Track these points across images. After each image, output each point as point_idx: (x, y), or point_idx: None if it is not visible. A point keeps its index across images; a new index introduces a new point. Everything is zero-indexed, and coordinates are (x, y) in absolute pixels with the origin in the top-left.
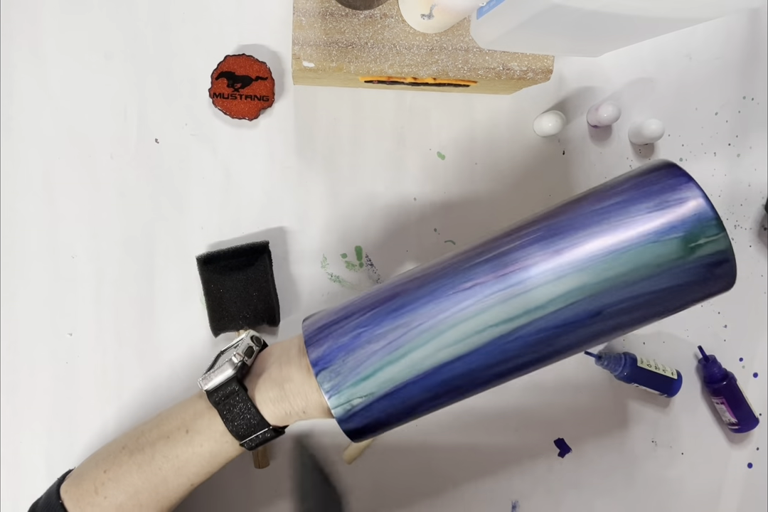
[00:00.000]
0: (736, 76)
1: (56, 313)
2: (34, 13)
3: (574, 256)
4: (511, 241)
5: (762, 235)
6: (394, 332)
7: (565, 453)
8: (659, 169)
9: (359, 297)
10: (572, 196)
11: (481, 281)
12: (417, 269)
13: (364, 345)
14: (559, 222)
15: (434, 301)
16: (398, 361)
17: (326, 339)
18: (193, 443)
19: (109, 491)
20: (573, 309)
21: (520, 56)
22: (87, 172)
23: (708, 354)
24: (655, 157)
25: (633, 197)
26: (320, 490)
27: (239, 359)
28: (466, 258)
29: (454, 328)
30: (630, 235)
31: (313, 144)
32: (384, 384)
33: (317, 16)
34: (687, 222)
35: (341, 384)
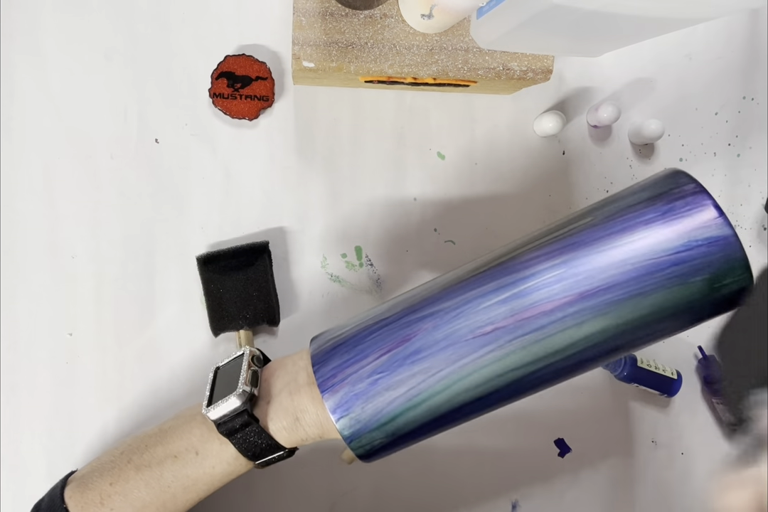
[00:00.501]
0: (736, 76)
1: (56, 313)
2: (34, 13)
3: (598, 300)
4: (530, 278)
5: (762, 235)
6: (412, 379)
7: (565, 453)
8: (687, 195)
9: (370, 326)
10: (591, 218)
11: (501, 325)
12: (427, 294)
13: (383, 392)
14: (580, 257)
15: (452, 347)
16: (418, 407)
17: (341, 385)
18: (204, 465)
19: (116, 504)
20: (592, 350)
21: (520, 56)
22: (87, 172)
23: (708, 354)
24: (656, 157)
25: (660, 235)
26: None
27: (247, 391)
28: (481, 293)
29: (474, 374)
30: (655, 279)
31: (313, 144)
32: (403, 427)
33: (317, 16)
34: (714, 263)
35: (362, 431)
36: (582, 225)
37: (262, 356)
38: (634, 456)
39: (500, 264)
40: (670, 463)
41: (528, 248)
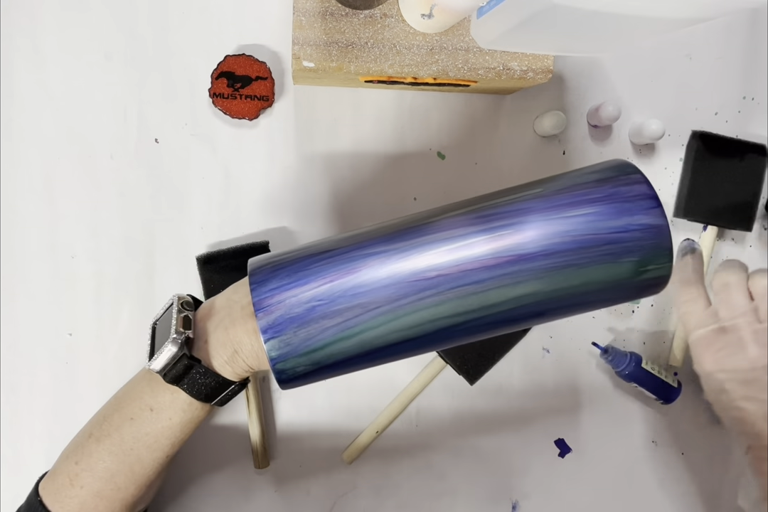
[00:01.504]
0: (736, 76)
1: (56, 313)
2: (34, 13)
3: (536, 264)
4: (480, 233)
5: (762, 235)
6: (350, 311)
7: (565, 453)
8: (633, 183)
9: (315, 255)
10: (541, 189)
11: (444, 273)
12: (379, 234)
13: (318, 320)
14: (527, 223)
15: (394, 286)
16: (349, 339)
17: (278, 307)
18: (161, 418)
19: (85, 481)
20: (522, 310)
21: (520, 56)
22: (87, 172)
23: None
24: (656, 157)
25: (603, 213)
26: None
27: (180, 336)
28: (431, 240)
29: (410, 316)
30: (591, 253)
31: (313, 144)
32: (331, 357)
33: (317, 16)
34: (645, 248)
35: (289, 354)
36: (533, 194)
37: (194, 300)
38: (634, 456)
39: (454, 217)
40: (670, 463)
41: (483, 206)
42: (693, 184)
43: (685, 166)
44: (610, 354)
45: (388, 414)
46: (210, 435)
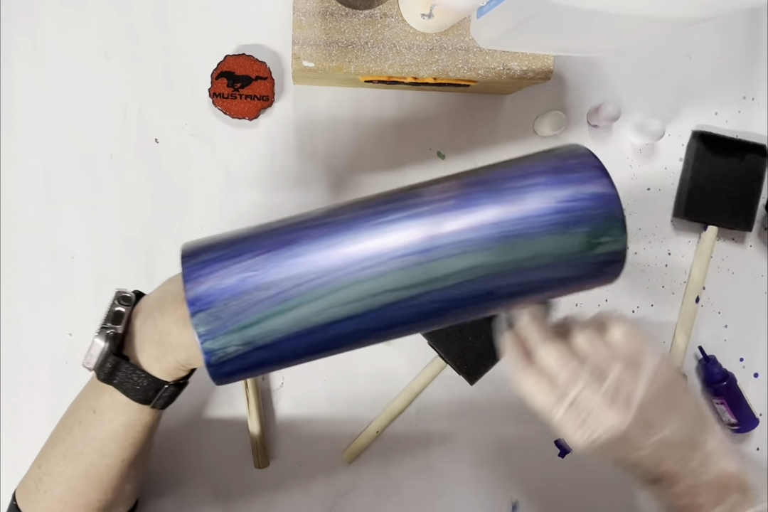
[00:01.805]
0: (736, 76)
1: (56, 313)
2: (34, 12)
3: (483, 233)
4: (427, 203)
5: (762, 235)
6: (285, 282)
7: (565, 454)
8: (579, 156)
9: (253, 232)
10: (489, 166)
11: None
12: (323, 211)
13: (251, 292)
14: (476, 193)
15: (335, 256)
16: (284, 314)
17: (209, 277)
18: (104, 421)
19: (47, 485)
20: (468, 285)
21: (520, 56)
22: (87, 172)
23: (708, 354)
24: (656, 157)
25: (550, 182)
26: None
27: (107, 331)
28: (375, 212)
29: (348, 288)
30: (540, 222)
31: (313, 144)
32: (265, 335)
33: (317, 16)
34: (596, 218)
35: (218, 330)
36: (481, 169)
37: (137, 295)
38: None
39: (402, 192)
40: None
41: (431, 181)
42: (693, 184)
43: (685, 166)
44: None
45: (388, 414)
46: (210, 435)
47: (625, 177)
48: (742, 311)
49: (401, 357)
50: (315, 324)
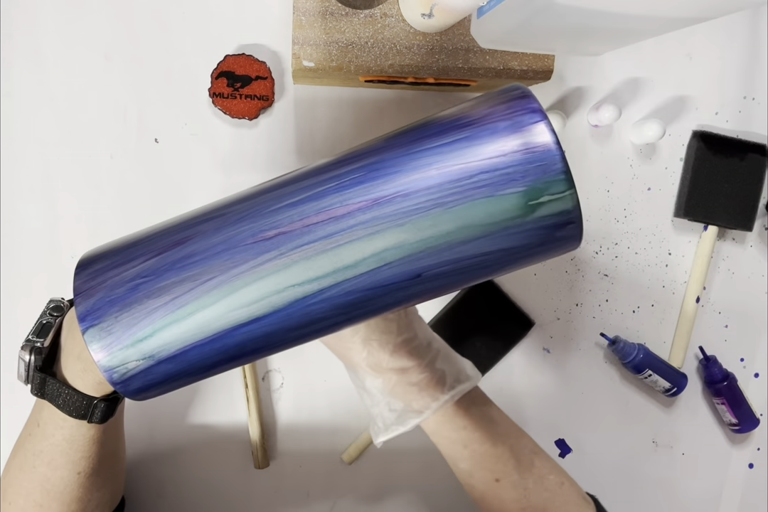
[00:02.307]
0: (736, 76)
1: None
2: (34, 13)
3: (394, 207)
4: (328, 181)
5: (762, 235)
6: (179, 286)
7: (566, 454)
8: (506, 99)
9: (148, 233)
10: (407, 126)
11: (285, 230)
12: (220, 202)
13: (143, 300)
14: (383, 161)
15: (229, 251)
16: (182, 321)
17: (98, 289)
18: (47, 435)
19: (11, 496)
20: (388, 270)
21: (520, 56)
22: (87, 172)
23: (709, 354)
24: (657, 157)
25: (473, 136)
26: None
27: (31, 344)
28: (274, 196)
29: (249, 286)
30: (460, 188)
31: (313, 144)
32: (165, 347)
33: (317, 16)
34: (530, 174)
35: (113, 345)
36: (393, 133)
37: (71, 304)
38: (634, 456)
39: (301, 171)
40: (670, 463)
41: (334, 157)
42: (693, 184)
43: (686, 166)
44: (618, 344)
45: None
46: (210, 436)
47: (625, 177)
48: (743, 311)
49: None
50: (218, 329)
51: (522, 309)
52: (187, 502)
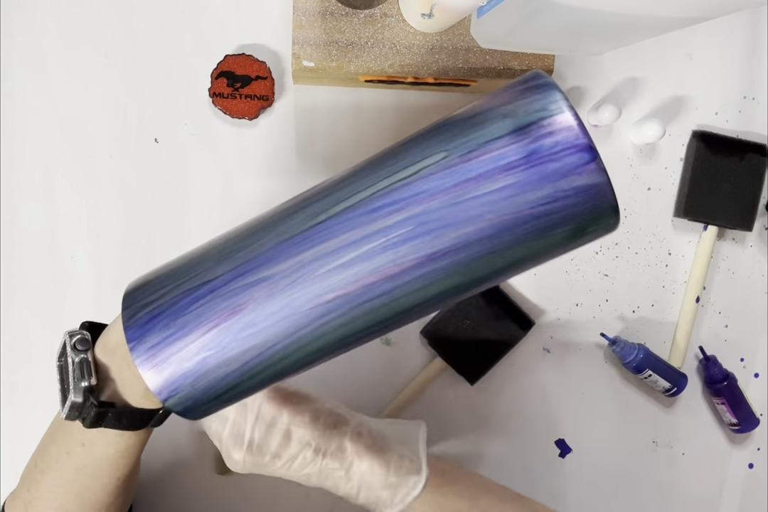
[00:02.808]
0: (736, 76)
1: (56, 313)
2: (34, 12)
3: (448, 261)
4: (374, 236)
5: (762, 235)
6: (246, 354)
7: (566, 454)
8: (557, 131)
9: (191, 294)
10: (444, 154)
11: (342, 293)
12: (259, 256)
13: (214, 370)
14: (430, 212)
15: (290, 318)
16: (256, 377)
17: (165, 365)
18: (95, 452)
19: (37, 508)
20: (440, 304)
21: (520, 55)
22: (87, 172)
23: (709, 354)
24: (657, 157)
25: (521, 183)
26: None
27: (81, 386)
28: (319, 255)
29: (316, 342)
30: (513, 236)
31: (313, 144)
32: (240, 395)
33: (317, 16)
34: (580, 215)
35: (196, 405)
36: (435, 165)
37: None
38: (634, 456)
39: (340, 215)
40: (670, 463)
41: (376, 191)
42: (693, 184)
43: (686, 166)
44: (618, 345)
45: (388, 415)
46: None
47: (625, 177)
48: (743, 311)
49: (401, 357)
50: (291, 371)
51: (522, 309)
52: (187, 502)
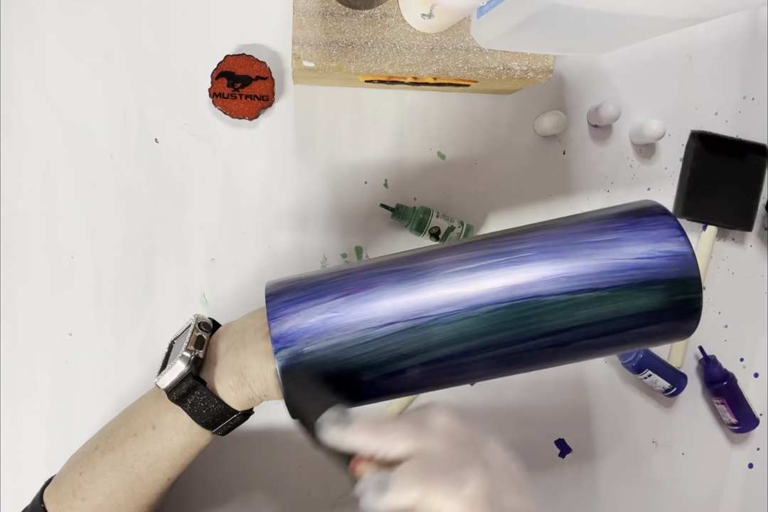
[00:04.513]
0: (736, 76)
1: (56, 313)
2: (34, 12)
3: (561, 287)
4: (509, 253)
5: (762, 235)
6: (365, 323)
7: (566, 454)
8: (656, 214)
9: (332, 274)
10: (562, 219)
11: (464, 291)
12: (398, 260)
13: (332, 332)
14: (553, 245)
15: (413, 303)
16: (364, 355)
17: (291, 316)
18: (162, 438)
19: (87, 493)
20: (560, 347)
21: (520, 56)
22: (87, 172)
23: (708, 354)
24: (656, 157)
25: (627, 238)
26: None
27: (190, 354)
28: (454, 260)
29: (425, 331)
30: (617, 278)
31: (313, 144)
32: (342, 377)
33: (317, 16)
34: (672, 276)
35: (299, 369)
36: (559, 224)
37: (213, 323)
38: (634, 456)
39: (482, 241)
40: (670, 463)
41: (511, 233)
42: (692, 184)
43: (684, 166)
44: None
45: (389, 415)
46: None
47: (625, 177)
48: (742, 311)
49: None
50: (394, 362)
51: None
52: (186, 502)
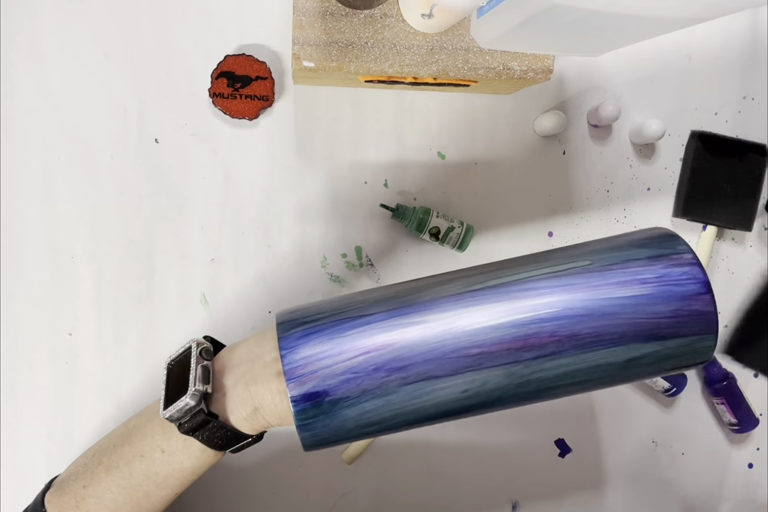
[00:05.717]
0: (736, 76)
1: (56, 313)
2: (34, 12)
3: (583, 342)
4: (528, 309)
5: (762, 235)
6: (387, 384)
7: (566, 454)
8: (684, 265)
9: (349, 322)
10: (588, 262)
11: (487, 350)
12: (421, 303)
13: (353, 390)
14: (574, 301)
15: (435, 361)
16: (386, 412)
17: (311, 377)
18: (172, 461)
19: (91, 507)
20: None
21: (520, 56)
22: (87, 172)
23: None
24: (656, 157)
25: (654, 295)
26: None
27: (200, 389)
28: (472, 312)
29: (448, 391)
30: (638, 335)
31: (313, 144)
32: (363, 429)
33: (317, 16)
34: (690, 334)
35: (320, 428)
36: (581, 268)
37: (213, 343)
38: (634, 456)
39: (495, 287)
40: (670, 463)
41: (530, 276)
42: (692, 184)
43: (684, 166)
44: None
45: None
46: None
47: (625, 177)
48: (743, 311)
49: None
50: (417, 419)
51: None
52: (186, 502)
